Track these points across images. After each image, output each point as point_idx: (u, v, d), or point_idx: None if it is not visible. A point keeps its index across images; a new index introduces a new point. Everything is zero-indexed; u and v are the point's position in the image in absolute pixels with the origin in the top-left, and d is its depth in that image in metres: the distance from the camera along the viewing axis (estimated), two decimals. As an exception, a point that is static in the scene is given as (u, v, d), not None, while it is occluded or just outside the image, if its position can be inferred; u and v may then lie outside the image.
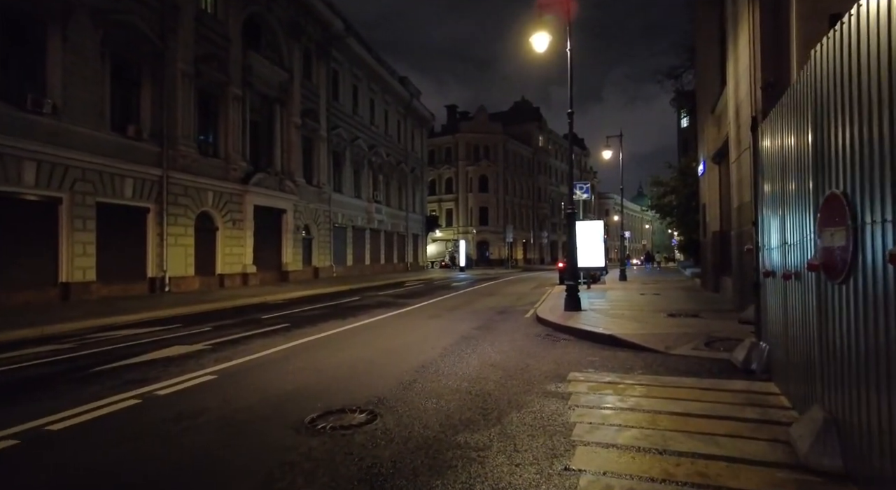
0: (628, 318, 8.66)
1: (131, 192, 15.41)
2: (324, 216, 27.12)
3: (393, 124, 37.71)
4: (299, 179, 24.39)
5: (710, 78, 13.12)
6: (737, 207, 9.32)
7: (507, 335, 7.85)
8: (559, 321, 8.35)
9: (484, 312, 11.19)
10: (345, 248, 29.92)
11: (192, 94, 17.66)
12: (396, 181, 38.38)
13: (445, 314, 10.95)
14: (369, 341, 7.55)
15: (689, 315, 8.82)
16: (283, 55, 23.81)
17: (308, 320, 10.10)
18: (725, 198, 12.56)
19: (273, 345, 7.27)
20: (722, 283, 12.82)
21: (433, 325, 9.18)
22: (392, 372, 5.39)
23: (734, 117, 9.20)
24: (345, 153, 30.00)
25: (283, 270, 23.33)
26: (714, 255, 13.22)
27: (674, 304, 10.87)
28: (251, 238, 20.81)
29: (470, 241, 57.48)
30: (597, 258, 15.37)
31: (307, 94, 25.68)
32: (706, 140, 13.61)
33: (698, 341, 6.39)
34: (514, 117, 68.09)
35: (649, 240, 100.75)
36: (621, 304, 11.25)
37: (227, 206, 19.56)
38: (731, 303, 10.30)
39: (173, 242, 16.90)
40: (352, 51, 30.33)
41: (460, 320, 9.84)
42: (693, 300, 11.84)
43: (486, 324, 9.24)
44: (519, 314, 10.76)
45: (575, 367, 5.52)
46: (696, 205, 17.25)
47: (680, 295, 13.42)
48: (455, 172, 58.87)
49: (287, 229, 23.61)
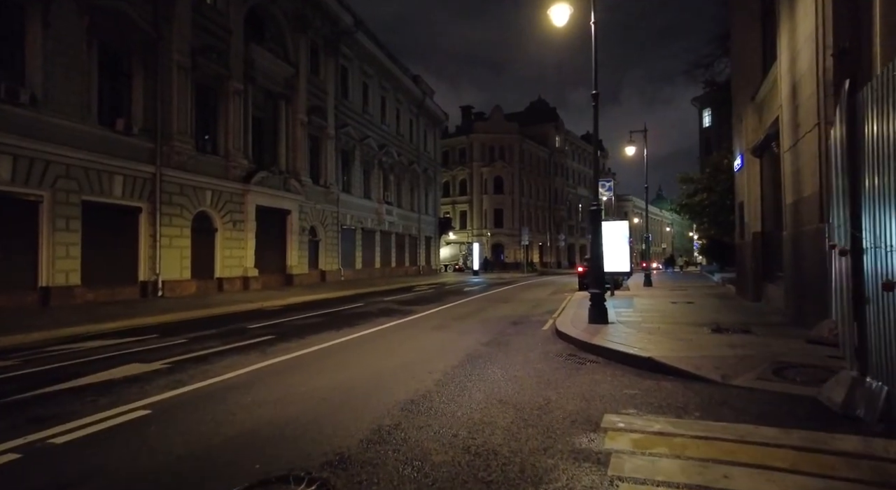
0: (665, 333, 7.34)
1: (121, 191, 14.48)
2: (331, 217, 26.09)
3: (405, 123, 36.64)
4: (305, 179, 23.39)
5: (749, 62, 11.73)
6: (791, 203, 7.94)
7: (521, 354, 6.59)
8: (584, 337, 7.06)
9: (496, 323, 9.93)
10: (353, 250, 28.86)
11: (188, 87, 16.73)
12: (408, 182, 37.28)
13: (452, 325, 9.72)
14: (357, 361, 6.36)
15: (737, 330, 7.46)
16: (288, 49, 22.87)
17: (297, 331, 8.96)
18: (770, 194, 11.15)
19: (243, 364, 6.13)
20: (765, 290, 11.39)
21: (436, 340, 7.96)
22: (371, 409, 4.18)
23: (789, 97, 7.83)
24: (354, 152, 28.97)
25: (287, 274, 22.33)
26: (755, 259, 11.79)
27: (714, 316, 9.49)
28: (253, 240, 19.82)
29: (484, 243, 56.14)
30: (621, 262, 13.99)
31: (314, 90, 24.71)
32: (744, 131, 12.20)
33: (763, 368, 5.07)
34: (531, 118, 66.63)
35: (669, 243, 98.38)
36: (653, 315, 9.90)
37: (226, 206, 18.60)
38: (781, 314, 8.89)
39: (167, 244, 15.96)
40: (362, 47, 29.33)
41: (468, 333, 8.61)
42: (734, 311, 10.43)
43: (497, 338, 8.00)
44: (535, 326, 9.48)
45: (610, 404, 4.25)
46: (731, 204, 15.76)
47: (716, 304, 12.00)
48: (469, 173, 57.60)
49: (292, 231, 22.61)
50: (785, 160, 8.24)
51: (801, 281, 7.50)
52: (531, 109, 70.03)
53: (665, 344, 6.38)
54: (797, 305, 7.80)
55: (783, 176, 8.40)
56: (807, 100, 6.86)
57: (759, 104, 11.20)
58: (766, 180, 11.37)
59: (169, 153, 15.91)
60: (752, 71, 11.54)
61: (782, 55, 8.10)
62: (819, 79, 6.30)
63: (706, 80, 18.14)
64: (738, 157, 13.03)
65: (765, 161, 11.46)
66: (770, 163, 11.00)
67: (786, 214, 8.38)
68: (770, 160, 11.00)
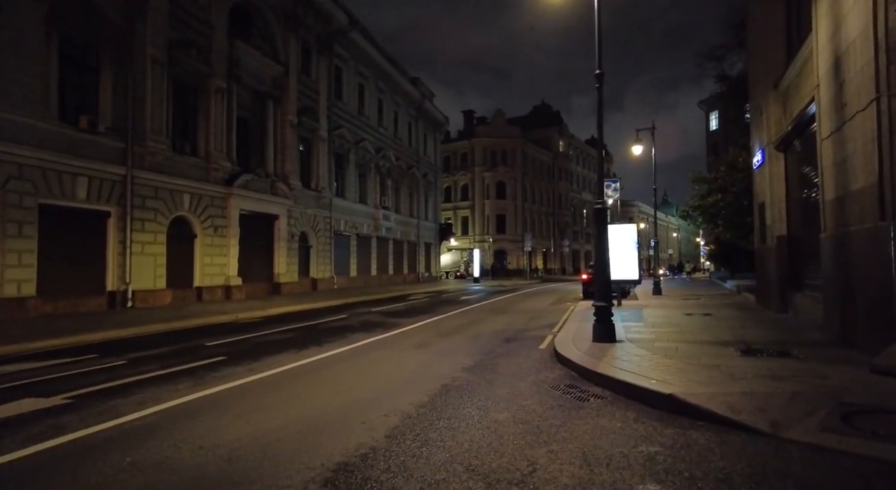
0: (685, 356, 6.07)
1: (85, 194, 13.37)
2: (323, 223, 24.94)
3: (403, 127, 35.56)
4: (295, 182, 22.27)
5: (771, 45, 10.51)
6: (833, 200, 6.68)
7: (508, 385, 5.34)
8: (587, 362, 5.80)
9: (486, 339, 8.69)
10: (348, 257, 27.68)
11: (165, 84, 15.66)
12: (407, 187, 36.13)
13: (436, 342, 8.48)
14: (304, 395, 5.14)
15: (773, 352, 6.18)
16: (277, 48, 21.84)
17: (255, 351, 7.75)
18: (796, 193, 9.88)
19: (161, 398, 4.92)
20: (792, 301, 10.08)
21: (411, 363, 6.73)
22: (282, 481, 2.96)
23: (829, 74, 6.60)
24: (348, 156, 27.88)
25: (274, 282, 21.15)
26: (780, 265, 10.49)
27: (739, 331, 8.21)
28: (236, 246, 18.67)
29: (487, 249, 54.88)
30: (629, 269, 12.69)
31: (305, 91, 23.66)
32: (765, 124, 10.96)
33: (825, 412, 3.80)
34: (534, 122, 65.52)
35: (676, 249, 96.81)
36: (667, 330, 8.63)
37: (207, 211, 17.48)
38: (819, 331, 7.61)
39: (139, 251, 14.82)
40: (357, 47, 28.30)
41: (452, 353, 7.37)
42: (761, 325, 9.14)
43: (484, 360, 6.75)
44: (531, 343, 8.23)
45: (621, 472, 3.01)
46: (748, 205, 14.45)
47: (737, 316, 10.70)
48: (471, 178, 56.46)
49: (280, 237, 21.46)
50: (824, 150, 6.99)
51: (848, 291, 6.23)
52: (534, 113, 68.94)
53: (688, 372, 5.12)
54: (843, 320, 6.52)
55: (821, 169, 7.14)
56: (858, 72, 5.63)
57: (784, 92, 9.96)
58: (792, 177, 10.11)
59: (142, 154, 14.82)
60: (775, 55, 10.31)
61: (820, 24, 6.88)
62: (878, 42, 5.07)
63: (717, 74, 16.91)
64: (757, 152, 11.76)
65: (790, 156, 10.20)
66: (797, 157, 9.75)
67: (824, 213, 7.12)
68: (797, 154, 9.75)
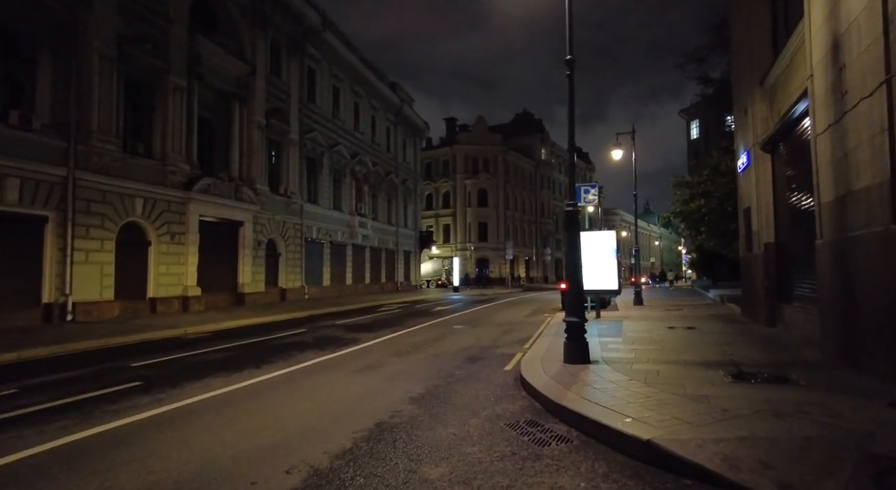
0: (668, 383, 5.22)
1: (17, 196, 12.19)
2: (294, 230, 23.83)
3: (381, 131, 34.65)
4: (262, 187, 21.18)
5: (756, 40, 9.87)
6: (831, 202, 5.93)
7: (456, 423, 4.41)
8: (552, 391, 4.91)
9: (448, 359, 7.76)
10: (321, 266, 26.56)
11: (114, 79, 14.56)
12: (385, 193, 35.16)
13: (390, 363, 7.52)
14: (200, 438, 4.14)
15: (769, 377, 5.36)
16: (243, 46, 20.84)
17: (181, 374, 6.72)
18: (785, 197, 9.18)
19: (16, 448, 3.90)
20: (782, 313, 9.35)
21: (352, 390, 5.77)
22: None
23: (826, 60, 5.87)
24: (321, 160, 26.85)
25: (238, 292, 19.98)
26: (767, 275, 9.77)
27: (726, 349, 7.41)
28: (195, 254, 17.51)
29: (468, 257, 54.07)
30: (608, 279, 11.89)
31: (275, 91, 22.65)
32: (751, 123, 10.29)
33: (848, 468, 2.95)
34: (516, 129, 65.16)
35: (658, 257, 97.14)
36: (648, 348, 7.79)
37: (163, 217, 16.32)
38: (817, 348, 6.83)
39: (83, 259, 13.62)
40: (331, 48, 27.40)
41: (403, 377, 6.43)
42: (750, 341, 8.36)
43: (437, 387, 5.82)
44: (497, 364, 7.32)
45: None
46: (732, 210, 13.79)
47: (722, 330, 9.93)
48: (453, 186, 55.70)
49: (245, 245, 20.32)
50: (819, 146, 6.25)
51: (851, 305, 5.45)
52: (516, 121, 68.65)
53: (671, 406, 4.26)
54: (845, 338, 5.74)
55: (816, 168, 6.40)
56: (862, 53, 4.88)
57: (771, 88, 9.29)
58: (781, 180, 9.42)
59: (87, 154, 13.67)
60: (760, 50, 9.67)
61: (813, 5, 6.16)
62: (889, 15, 4.32)
63: (699, 75, 16.38)
64: (742, 155, 11.09)
65: (778, 157, 9.52)
66: (785, 158, 9.07)
67: (820, 218, 6.37)
68: (785, 155, 9.07)
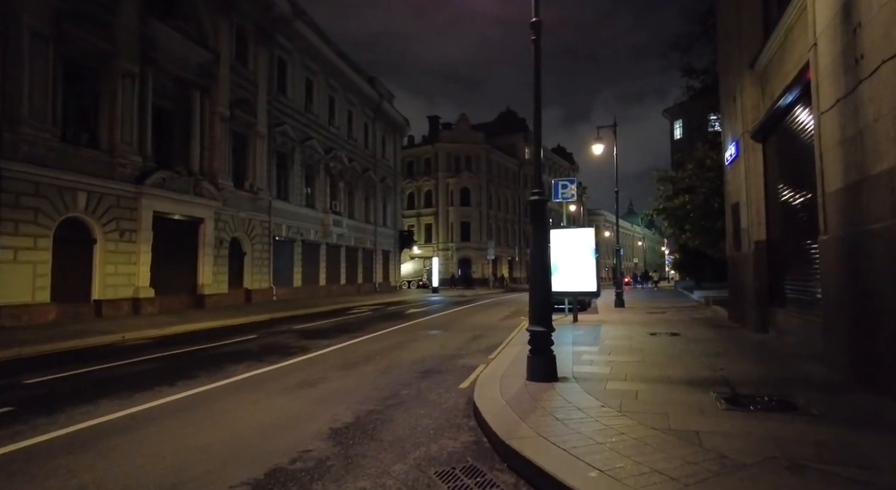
0: (649, 410, 4.26)
1: (-71, 187, 10.91)
2: (261, 228, 22.59)
3: (359, 127, 33.46)
4: (225, 182, 19.93)
5: (746, 19, 9.03)
6: (840, 190, 5.05)
7: (373, 473, 3.37)
8: (504, 426, 3.90)
9: (399, 373, 6.75)
10: (291, 266, 25.33)
11: (50, 61, 13.25)
12: (362, 190, 33.95)
13: (331, 378, 6.47)
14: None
15: (770, 401, 4.41)
16: (206, 32, 19.57)
17: (77, 394, 5.60)
18: (777, 190, 8.34)
19: None
20: (774, 318, 8.51)
21: (264, 420, 4.70)
22: None
23: (834, 23, 4.98)
24: (293, 155, 25.61)
25: (198, 294, 18.71)
26: (758, 276, 8.92)
27: (716, 361, 6.51)
28: (148, 253, 16.23)
29: (450, 257, 53.12)
30: (586, 280, 10.96)
31: (241, 82, 21.41)
32: (740, 111, 9.45)
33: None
34: (499, 128, 64.37)
35: (641, 257, 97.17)
36: (627, 360, 6.86)
37: (111, 212, 15.03)
38: (820, 361, 5.95)
39: (10, 258, 12.33)
40: (303, 39, 26.18)
41: (339, 398, 5.39)
42: (740, 350, 7.47)
43: (371, 413, 4.79)
44: (453, 381, 6.32)
45: None
46: (719, 207, 12.97)
47: (709, 336, 9.06)
48: (435, 185, 54.66)
49: (205, 243, 19.05)
50: (824, 126, 5.36)
51: (867, 311, 4.57)
52: (500, 120, 67.86)
53: (651, 449, 3.29)
54: (857, 351, 4.85)
55: (819, 151, 5.52)
56: (884, 6, 3.98)
57: (762, 71, 8.45)
58: (773, 172, 8.58)
59: (15, 142, 12.38)
60: (750, 29, 8.82)
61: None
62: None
63: (684, 66, 15.61)
64: (730, 146, 10.25)
65: (770, 146, 8.68)
66: (779, 147, 8.22)
67: (824, 209, 5.49)
68: (779, 143, 8.22)
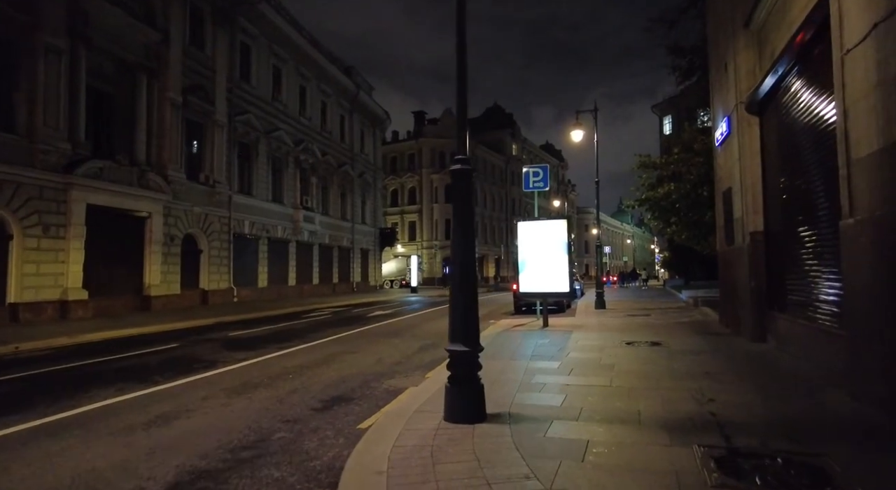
0: (600, 482, 2.80)
1: None
2: (219, 223, 20.96)
3: (334, 119, 31.83)
4: (176, 174, 18.29)
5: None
6: (880, 152, 3.63)
7: None
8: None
9: (298, 402, 5.24)
10: (255, 265, 23.69)
11: (-48, 31, 11.65)
12: (338, 186, 32.33)
13: (209, 408, 4.96)
14: None
15: (788, 465, 3.02)
16: (154, 10, 17.91)
17: None
18: (778, 171, 6.94)
19: None
20: (774, 325, 7.11)
21: (47, 484, 3.21)
22: None
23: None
24: (257, 146, 23.97)
25: (144, 295, 17.07)
26: (755, 273, 7.52)
27: (703, 385, 5.08)
28: (80, 251, 14.59)
29: (434, 256, 51.63)
30: (557, 280, 9.50)
31: (196, 66, 19.78)
32: (733, 80, 8.04)
33: None
34: (486, 124, 62.88)
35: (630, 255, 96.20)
36: (589, 384, 5.39)
37: (31, 205, 13.41)
38: (833, 381, 4.55)
39: None
40: (270, 24, 24.56)
41: (183, 445, 3.89)
42: (734, 368, 6.04)
43: (201, 476, 3.30)
44: (354, 417, 4.77)
45: None
46: (708, 195, 11.55)
47: (696, 346, 7.64)
48: (419, 181, 53.13)
49: (152, 240, 17.39)
50: (850, 70, 3.96)
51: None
52: (487, 115, 66.42)
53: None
54: None
55: (844, 105, 4.11)
56: None
57: (760, 28, 7.05)
58: (773, 149, 7.18)
59: None
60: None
61: None
62: None
63: (669, 44, 14.19)
64: (721, 122, 8.83)
65: (769, 119, 7.28)
66: (780, 118, 6.81)
67: (850, 182, 4.08)
68: (780, 114, 6.81)
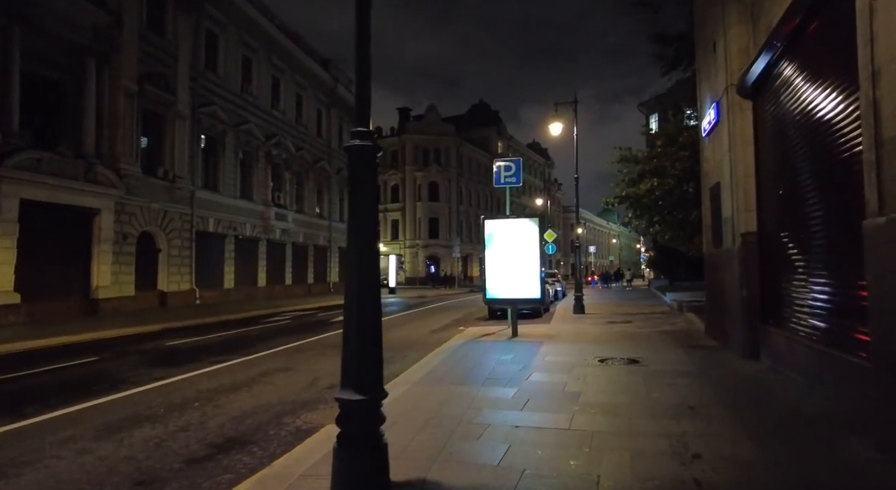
0: None
1: None
2: (180, 221, 19.69)
3: (310, 113, 30.56)
4: (129, 167, 17.00)
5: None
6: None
7: None
8: None
9: (176, 448, 4.16)
10: (220, 265, 22.43)
11: None
12: (314, 182, 31.09)
13: (41, 463, 3.89)
14: None
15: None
16: (105, -10, 16.62)
17: None
18: (774, 162, 6.01)
19: None
20: (769, 341, 6.18)
21: None
22: None
23: None
24: (224, 140, 22.70)
25: (91, 298, 15.80)
26: (747, 281, 6.58)
27: (687, 426, 4.12)
28: (13, 250, 13.31)
29: (417, 255, 50.60)
30: (527, 285, 8.51)
31: (155, 52, 18.49)
32: (723, 60, 7.12)
33: None
34: (471, 121, 61.95)
35: (616, 255, 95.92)
36: (545, 426, 4.39)
37: (-45, 199, 12.14)
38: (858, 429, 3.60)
39: None
40: (239, 11, 23.28)
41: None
42: (724, 399, 5.07)
43: None
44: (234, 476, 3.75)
45: None
46: (694, 192, 10.66)
47: (679, 366, 6.67)
48: (402, 178, 52.04)
49: (102, 238, 16.10)
50: (882, 15, 3.01)
51: None
52: (472, 113, 65.48)
53: None
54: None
55: (872, 69, 3.18)
56: None
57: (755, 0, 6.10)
58: (767, 138, 6.26)
59: None
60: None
61: None
62: None
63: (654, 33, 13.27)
64: (709, 110, 7.90)
65: (765, 102, 6.35)
66: (778, 99, 5.88)
67: (879, 171, 3.14)
68: (779, 93, 5.88)
